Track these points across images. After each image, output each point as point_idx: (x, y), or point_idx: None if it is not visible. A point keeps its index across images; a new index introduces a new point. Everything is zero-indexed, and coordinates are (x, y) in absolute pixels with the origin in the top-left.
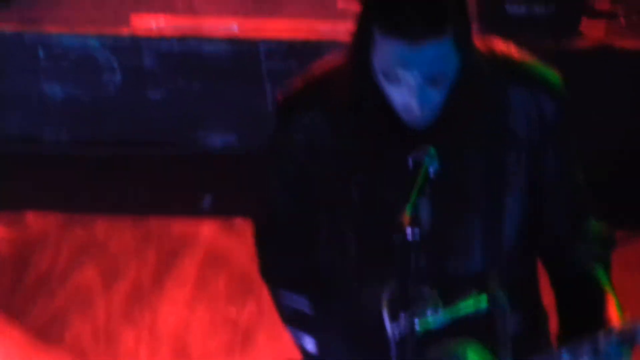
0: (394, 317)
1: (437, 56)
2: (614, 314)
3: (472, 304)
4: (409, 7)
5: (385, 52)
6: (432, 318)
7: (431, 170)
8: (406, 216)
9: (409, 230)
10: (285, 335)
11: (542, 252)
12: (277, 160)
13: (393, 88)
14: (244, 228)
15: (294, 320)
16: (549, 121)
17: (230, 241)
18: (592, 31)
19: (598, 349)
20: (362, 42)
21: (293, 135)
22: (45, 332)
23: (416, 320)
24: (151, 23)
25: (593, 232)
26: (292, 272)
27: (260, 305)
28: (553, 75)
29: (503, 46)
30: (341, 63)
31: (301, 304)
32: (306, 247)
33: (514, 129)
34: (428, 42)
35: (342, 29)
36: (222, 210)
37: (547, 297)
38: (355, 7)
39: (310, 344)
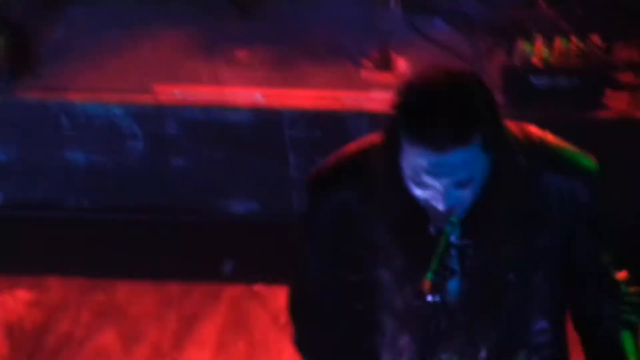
0: None
1: (464, 163)
2: None
3: None
4: (435, 116)
5: (412, 159)
6: None
7: (453, 238)
8: (427, 282)
9: (429, 296)
10: None
11: (572, 318)
12: (309, 236)
13: (419, 190)
14: (265, 294)
15: None
16: (582, 206)
17: (251, 306)
18: (616, 103)
19: None
20: (391, 145)
21: (325, 212)
22: None
23: None
24: (174, 92)
25: (624, 298)
26: (326, 345)
27: None
28: (588, 161)
29: (539, 132)
30: (374, 144)
31: None
32: (339, 321)
33: (547, 213)
34: (454, 150)
35: (365, 99)
36: (244, 276)
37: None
38: (379, 78)
39: None
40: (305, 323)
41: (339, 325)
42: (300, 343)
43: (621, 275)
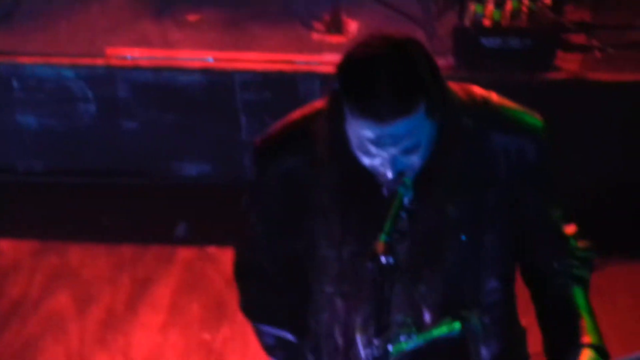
0: (368, 343)
1: (409, 131)
2: (586, 338)
3: (445, 330)
4: (376, 88)
5: (357, 131)
6: (406, 344)
7: (406, 200)
8: (380, 244)
9: (382, 258)
10: (258, 359)
11: (522, 274)
12: (257, 201)
13: (367, 158)
14: (218, 256)
15: (276, 350)
16: (530, 164)
17: (204, 268)
18: (568, 64)
19: None
20: (334, 116)
21: (273, 178)
22: (19, 358)
23: (389, 346)
24: (126, 54)
25: (573, 252)
26: (273, 310)
27: (234, 331)
28: (535, 120)
29: (484, 92)
30: (319, 110)
31: (284, 335)
32: (286, 284)
33: (494, 171)
34: (398, 120)
35: (316, 61)
36: (196, 238)
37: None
38: (330, 40)
39: None
40: (250, 288)
41: (283, 291)
42: (246, 308)
43: (570, 229)
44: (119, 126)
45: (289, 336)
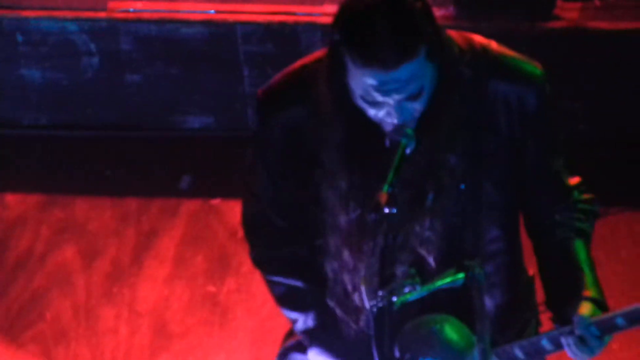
0: (372, 294)
1: (413, 75)
2: (586, 292)
3: (449, 280)
4: (378, 35)
5: (361, 80)
6: (410, 294)
7: (408, 150)
8: (383, 194)
9: (386, 209)
10: (262, 311)
11: (526, 226)
12: (262, 153)
13: (372, 108)
14: (222, 208)
15: (288, 300)
16: (530, 113)
17: (209, 221)
18: (567, 13)
19: (581, 337)
20: (336, 66)
21: (276, 128)
22: (26, 311)
23: (394, 297)
24: (128, 7)
25: (576, 205)
26: (283, 260)
27: (239, 283)
28: (534, 68)
29: (483, 40)
30: (320, 60)
31: (296, 284)
32: (295, 235)
33: (493, 119)
34: (402, 65)
35: (318, 12)
36: (201, 190)
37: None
38: None
39: (306, 321)
40: (260, 240)
41: (292, 242)
42: (257, 260)
43: (573, 181)
44: (122, 79)
45: (299, 284)
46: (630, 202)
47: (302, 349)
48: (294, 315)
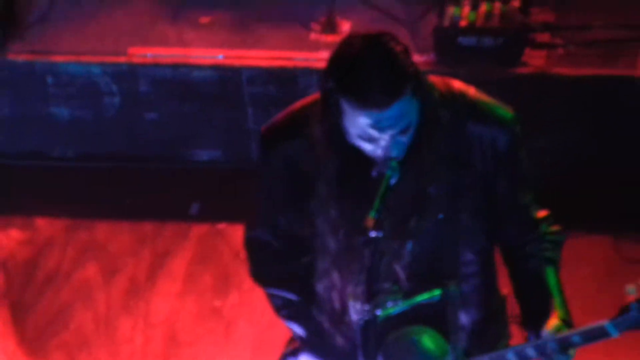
0: (359, 309)
1: (402, 112)
2: (554, 313)
3: (427, 296)
4: (369, 81)
5: (358, 121)
6: (392, 309)
7: (392, 181)
8: (370, 220)
9: (372, 232)
10: (262, 322)
11: (501, 254)
12: (263, 183)
13: (370, 144)
14: (228, 231)
15: (283, 309)
16: (502, 152)
17: (216, 243)
18: (534, 60)
19: (544, 352)
20: (331, 109)
21: (276, 161)
22: (53, 323)
23: (378, 311)
24: (146, 53)
25: (545, 236)
26: (277, 276)
27: (242, 297)
28: (506, 112)
29: (462, 86)
30: (317, 101)
31: (288, 296)
32: (289, 255)
33: (470, 158)
34: (393, 104)
35: (314, 58)
36: (208, 216)
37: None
38: (326, 39)
39: (299, 329)
40: (258, 259)
41: (286, 261)
42: (255, 275)
43: (542, 214)
44: (140, 117)
45: (292, 297)
46: (587, 227)
47: (297, 354)
48: (289, 323)
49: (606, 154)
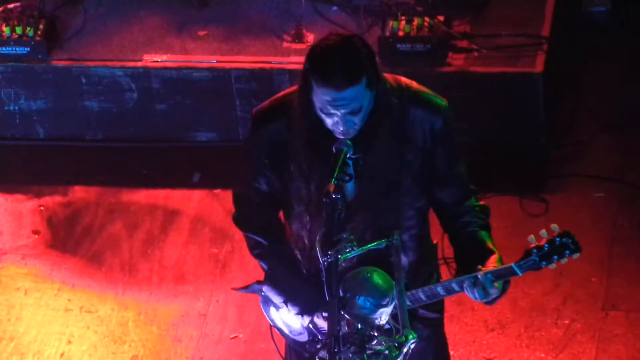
0: (324, 253)
1: (356, 97)
2: (492, 263)
3: (376, 244)
4: (335, 67)
5: (320, 96)
6: (350, 253)
7: (348, 154)
8: (331, 185)
9: (333, 195)
10: (250, 265)
11: (440, 220)
12: (251, 153)
13: (327, 117)
14: (222, 195)
15: (255, 250)
16: (438, 132)
17: (213, 204)
18: (456, 62)
19: (477, 280)
20: (305, 85)
21: (262, 136)
22: (88, 266)
23: (339, 255)
24: (157, 58)
25: (475, 207)
26: (253, 223)
27: (234, 246)
28: (441, 101)
29: (407, 80)
30: (295, 91)
31: (259, 240)
32: (264, 207)
33: (412, 137)
34: (349, 88)
35: (286, 62)
36: (207, 183)
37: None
38: (295, 47)
39: (265, 266)
40: (241, 209)
41: (262, 211)
42: (236, 220)
43: (473, 188)
44: (152, 107)
45: (262, 240)
46: (499, 188)
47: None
48: (259, 260)
49: (511, 132)
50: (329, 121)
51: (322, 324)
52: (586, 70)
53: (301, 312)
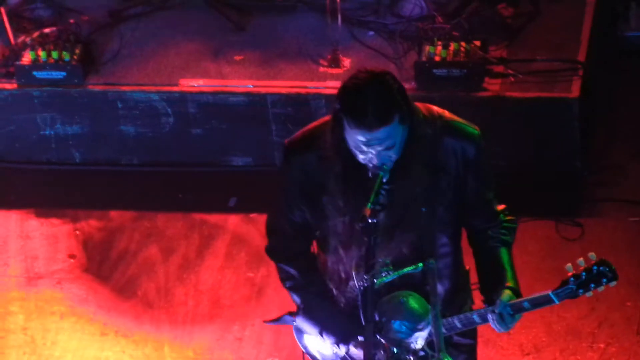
0: (360, 277)
1: (389, 135)
2: (507, 283)
3: (412, 268)
4: (367, 108)
5: (354, 136)
6: (385, 277)
7: (384, 180)
8: (367, 210)
9: (369, 219)
10: (285, 290)
11: (468, 238)
12: (283, 184)
13: (361, 154)
14: (258, 220)
15: (287, 282)
16: (470, 160)
17: (249, 228)
18: (491, 86)
19: (500, 314)
20: (337, 124)
21: (294, 169)
22: (124, 290)
23: (375, 279)
24: (194, 83)
25: (502, 224)
26: (285, 254)
27: (270, 270)
28: (473, 129)
29: (439, 110)
30: (327, 121)
31: (292, 271)
32: (297, 239)
33: (446, 165)
34: (381, 128)
35: (322, 86)
36: (243, 208)
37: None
38: (332, 71)
39: (297, 298)
40: (274, 239)
41: (295, 242)
42: (269, 251)
43: (500, 207)
44: (189, 132)
45: (294, 272)
46: (533, 213)
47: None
48: (290, 292)
49: (547, 156)
50: (362, 157)
51: (358, 353)
52: (622, 95)
53: (337, 342)
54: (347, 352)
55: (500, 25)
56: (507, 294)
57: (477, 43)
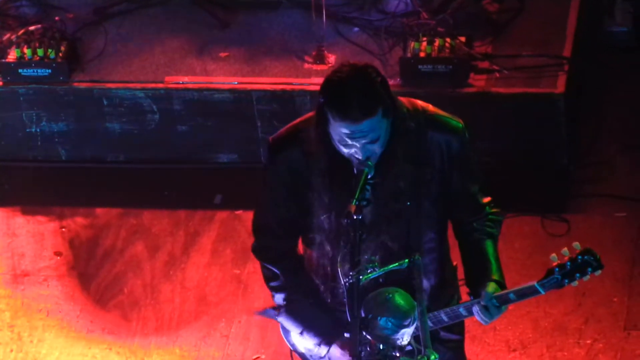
0: (345, 274)
1: (373, 128)
2: (491, 276)
3: (397, 265)
4: (351, 100)
5: (338, 129)
6: (371, 274)
7: (369, 176)
8: (352, 206)
9: (354, 216)
10: None
11: (453, 231)
12: (268, 181)
13: (345, 148)
14: (244, 217)
15: (271, 281)
16: (454, 153)
17: (235, 225)
18: (477, 82)
19: (485, 306)
20: (321, 119)
21: (280, 164)
22: (110, 288)
23: (360, 276)
24: (179, 80)
25: (487, 216)
26: (270, 253)
27: (256, 267)
28: (457, 122)
29: (423, 103)
30: (311, 117)
31: (276, 271)
32: (285, 236)
33: (430, 158)
34: (365, 120)
35: (307, 83)
36: (229, 205)
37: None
38: (316, 68)
39: (279, 299)
40: (260, 238)
41: (280, 240)
42: (254, 250)
43: (486, 200)
44: (174, 129)
45: (278, 272)
46: (520, 208)
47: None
48: (274, 292)
49: (533, 152)
50: (347, 151)
51: (339, 356)
52: (608, 91)
53: (318, 343)
54: (327, 353)
55: (486, 21)
56: (492, 286)
57: (462, 39)
